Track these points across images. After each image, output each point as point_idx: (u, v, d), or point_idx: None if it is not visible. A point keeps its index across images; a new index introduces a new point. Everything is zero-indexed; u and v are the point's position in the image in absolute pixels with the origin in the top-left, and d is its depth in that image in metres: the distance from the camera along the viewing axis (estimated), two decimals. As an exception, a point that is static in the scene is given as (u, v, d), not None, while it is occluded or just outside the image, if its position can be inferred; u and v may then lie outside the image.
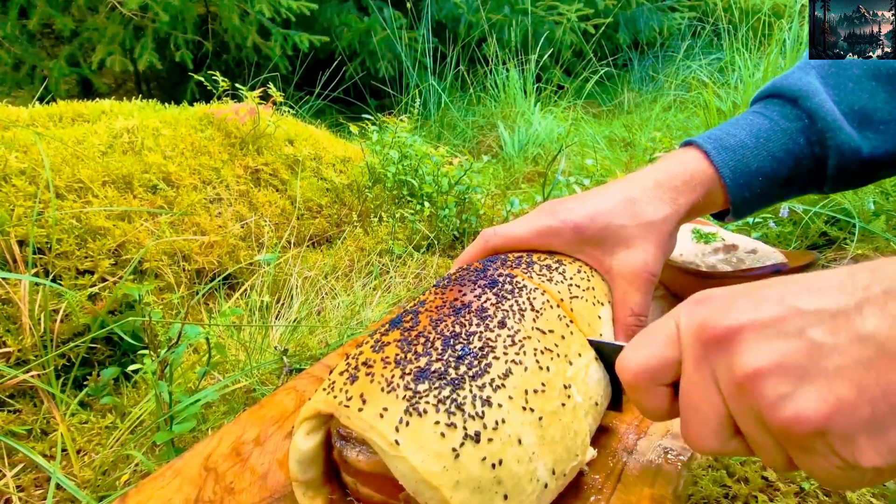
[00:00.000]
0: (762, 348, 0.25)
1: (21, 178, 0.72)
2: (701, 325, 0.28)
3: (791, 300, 0.25)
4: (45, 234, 0.68)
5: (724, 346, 0.27)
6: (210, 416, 0.66)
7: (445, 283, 0.55)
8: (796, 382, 0.23)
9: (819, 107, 0.47)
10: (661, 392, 0.34)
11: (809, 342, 0.24)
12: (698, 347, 0.29)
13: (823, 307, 0.24)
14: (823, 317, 0.24)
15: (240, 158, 1.06)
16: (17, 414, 0.62)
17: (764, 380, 0.24)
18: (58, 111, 1.05)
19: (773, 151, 0.49)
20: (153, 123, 0.98)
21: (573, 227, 0.49)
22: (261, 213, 1.00)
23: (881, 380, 0.22)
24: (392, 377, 0.42)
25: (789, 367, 0.24)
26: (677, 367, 0.32)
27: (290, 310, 0.85)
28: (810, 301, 0.25)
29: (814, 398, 0.23)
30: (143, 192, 0.84)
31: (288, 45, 3.19)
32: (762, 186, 0.50)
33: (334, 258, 1.00)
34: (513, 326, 0.48)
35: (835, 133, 0.47)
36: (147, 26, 2.98)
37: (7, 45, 2.95)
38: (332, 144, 1.28)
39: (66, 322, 0.66)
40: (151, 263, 0.77)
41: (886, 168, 0.50)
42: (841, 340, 0.23)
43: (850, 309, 0.23)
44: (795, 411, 0.23)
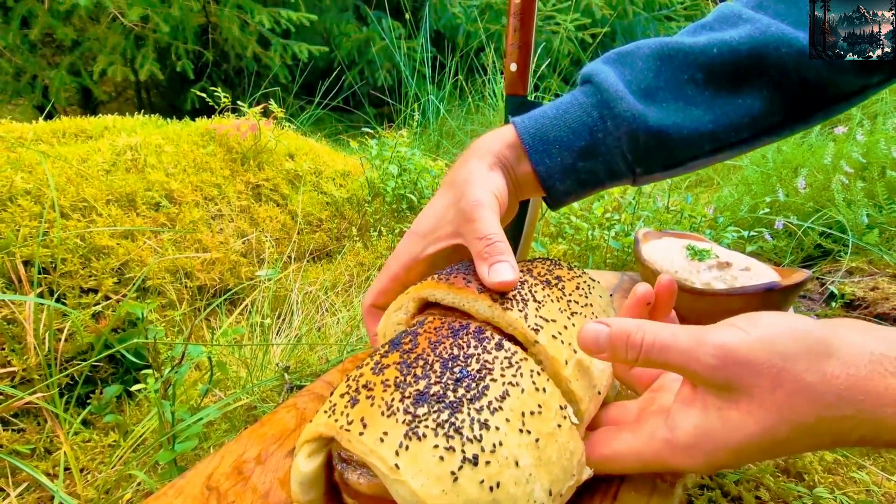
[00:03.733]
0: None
1: (27, 197, 0.73)
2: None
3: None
4: (49, 254, 0.69)
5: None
6: (212, 434, 0.67)
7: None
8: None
9: (604, 80, 0.52)
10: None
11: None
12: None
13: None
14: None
15: (241, 174, 1.07)
16: (21, 433, 0.62)
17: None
18: (61, 127, 1.06)
19: (570, 122, 0.53)
20: (156, 140, 0.99)
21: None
22: (262, 229, 1.01)
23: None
24: (392, 401, 0.43)
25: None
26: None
27: (290, 326, 0.86)
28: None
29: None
30: (146, 210, 0.85)
31: (287, 55, 3.22)
32: (561, 155, 0.53)
33: (334, 273, 1.01)
34: (510, 348, 0.49)
35: (617, 102, 0.51)
36: (148, 36, 3.00)
37: (8, 54, 2.97)
38: (332, 158, 1.30)
39: (70, 341, 0.67)
40: (154, 281, 0.78)
41: (684, 147, 0.53)
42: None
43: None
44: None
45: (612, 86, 0.52)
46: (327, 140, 3.17)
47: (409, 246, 0.56)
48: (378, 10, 3.54)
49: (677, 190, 1.49)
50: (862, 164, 1.41)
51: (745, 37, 0.50)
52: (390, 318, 0.53)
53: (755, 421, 0.34)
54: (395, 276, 0.56)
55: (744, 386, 0.34)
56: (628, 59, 0.54)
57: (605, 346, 0.41)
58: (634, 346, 0.39)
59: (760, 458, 0.36)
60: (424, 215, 0.56)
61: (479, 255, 0.49)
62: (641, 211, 1.16)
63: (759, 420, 0.34)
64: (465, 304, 0.49)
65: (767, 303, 0.70)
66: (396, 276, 0.56)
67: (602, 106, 0.52)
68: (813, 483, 0.56)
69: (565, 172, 0.55)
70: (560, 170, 0.54)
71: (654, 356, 0.38)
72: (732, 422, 0.35)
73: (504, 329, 0.48)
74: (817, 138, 1.94)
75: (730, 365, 0.34)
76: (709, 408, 0.36)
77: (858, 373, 0.32)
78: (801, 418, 0.33)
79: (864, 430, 0.32)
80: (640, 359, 0.39)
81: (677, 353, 0.37)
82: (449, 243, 0.53)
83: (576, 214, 1.13)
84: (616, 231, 1.08)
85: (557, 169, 0.54)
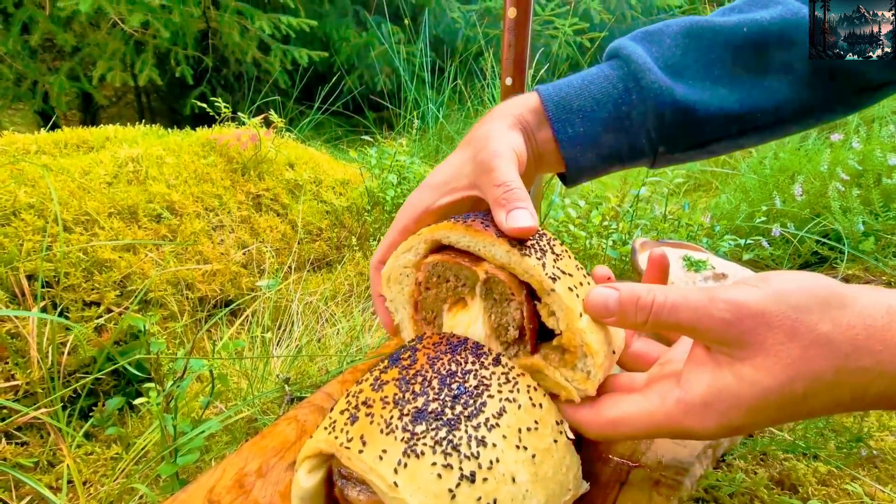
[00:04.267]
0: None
1: (30, 212, 0.73)
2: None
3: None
4: (53, 268, 0.70)
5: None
6: (213, 446, 0.68)
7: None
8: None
9: (632, 53, 0.52)
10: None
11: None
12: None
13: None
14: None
15: (241, 184, 1.08)
16: (25, 446, 0.63)
17: None
18: (63, 138, 1.07)
19: (594, 93, 0.52)
20: (157, 151, 1.00)
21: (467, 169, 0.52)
22: (262, 239, 1.02)
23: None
24: (391, 418, 0.44)
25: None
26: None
27: (290, 336, 0.87)
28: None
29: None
30: (147, 222, 0.86)
31: (287, 60, 3.24)
32: (584, 126, 0.52)
33: (334, 283, 1.01)
34: (507, 363, 0.50)
35: (645, 74, 0.51)
36: (148, 42, 3.02)
37: (9, 60, 2.98)
38: (331, 167, 1.31)
39: (73, 354, 0.68)
40: (156, 293, 0.79)
41: (709, 126, 0.52)
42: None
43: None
44: None
45: (640, 59, 0.51)
46: (327, 145, 3.18)
47: (421, 197, 0.53)
48: (377, 15, 3.56)
49: (675, 195, 1.50)
50: (858, 171, 1.42)
51: (776, 17, 0.50)
52: (398, 261, 0.51)
53: (770, 376, 0.32)
54: (405, 228, 0.53)
55: (757, 340, 0.33)
56: (656, 37, 0.53)
57: (614, 310, 0.39)
58: (644, 307, 0.37)
59: (776, 418, 0.34)
60: (438, 170, 0.54)
61: (497, 202, 0.47)
62: (639, 219, 1.17)
63: (774, 374, 0.32)
64: (480, 248, 0.46)
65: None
66: (406, 228, 0.53)
67: (629, 79, 0.51)
68: (807, 495, 0.57)
69: (587, 145, 0.53)
70: (582, 141, 0.53)
71: (664, 317, 0.36)
72: (746, 378, 0.33)
73: (520, 276, 0.45)
74: (814, 144, 1.95)
75: (743, 319, 0.33)
76: (722, 366, 0.35)
77: (875, 323, 0.31)
78: (818, 371, 0.31)
79: (882, 385, 0.31)
80: (649, 321, 0.37)
81: (688, 311, 0.35)
82: (464, 195, 0.51)
83: (573, 223, 1.14)
84: (614, 240, 1.09)
85: (579, 140, 0.53)
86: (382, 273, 0.52)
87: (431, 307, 0.51)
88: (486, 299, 0.48)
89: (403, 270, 0.52)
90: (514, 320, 0.47)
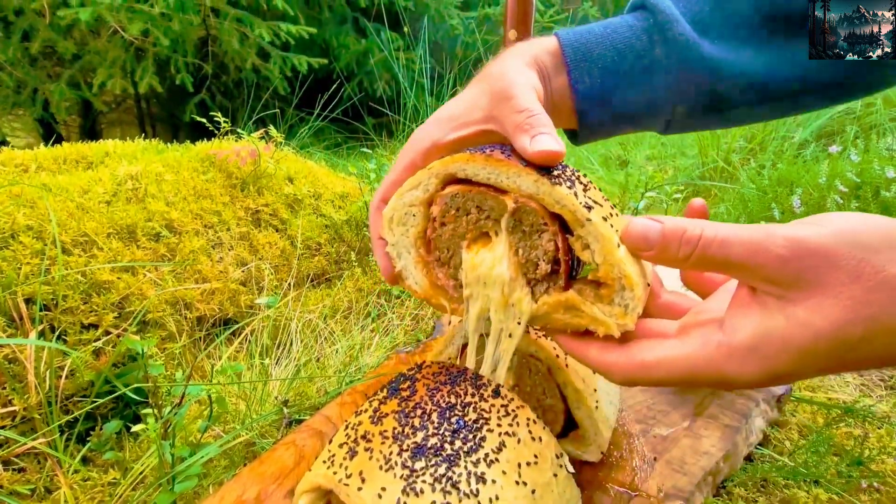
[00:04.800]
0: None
1: (28, 234, 0.73)
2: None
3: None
4: (51, 291, 0.70)
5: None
6: (211, 471, 0.67)
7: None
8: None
9: (660, 3, 0.49)
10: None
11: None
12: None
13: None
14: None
15: (240, 199, 1.08)
16: (22, 473, 0.63)
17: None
18: (62, 153, 1.07)
19: (616, 42, 0.50)
20: (156, 168, 1.00)
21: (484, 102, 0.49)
22: (261, 256, 1.02)
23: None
24: (390, 454, 0.43)
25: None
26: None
27: (289, 355, 0.87)
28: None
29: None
30: (146, 242, 0.85)
31: (287, 67, 3.24)
32: (602, 77, 0.50)
33: (333, 299, 1.01)
34: (506, 395, 0.49)
35: (672, 25, 0.48)
36: (148, 50, 3.02)
37: (9, 68, 2.98)
38: (330, 180, 1.31)
39: (71, 378, 0.68)
40: (154, 314, 0.78)
41: (731, 88, 0.50)
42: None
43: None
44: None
45: (668, 10, 0.49)
46: (326, 152, 3.18)
47: (428, 131, 0.49)
48: (377, 22, 3.57)
49: (675, 203, 1.50)
50: (856, 183, 1.42)
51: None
52: (403, 198, 0.46)
53: (826, 318, 0.29)
54: (411, 164, 0.48)
55: (817, 279, 0.30)
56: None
57: (655, 242, 0.35)
58: (690, 240, 0.33)
59: (825, 366, 0.31)
60: (449, 104, 0.50)
61: (520, 127, 0.43)
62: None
63: (829, 316, 0.29)
64: (504, 180, 0.42)
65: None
66: (413, 164, 0.48)
67: (654, 30, 0.49)
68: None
69: (604, 99, 0.50)
70: (599, 94, 0.50)
71: (713, 251, 0.33)
72: (798, 319, 0.30)
73: (550, 207, 0.41)
74: (812, 154, 1.96)
75: (804, 256, 0.30)
76: (770, 309, 0.32)
77: None
78: (879, 315, 0.29)
79: None
80: (693, 256, 0.33)
81: (741, 246, 0.32)
82: (478, 129, 0.48)
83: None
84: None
85: (596, 92, 0.50)
86: (385, 213, 0.47)
87: (447, 245, 0.46)
88: (513, 233, 0.43)
89: (409, 209, 0.46)
90: (546, 253, 0.42)
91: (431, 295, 0.48)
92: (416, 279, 0.48)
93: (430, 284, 0.48)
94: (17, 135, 4.71)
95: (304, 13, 3.24)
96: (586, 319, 0.41)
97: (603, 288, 0.41)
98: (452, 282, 0.47)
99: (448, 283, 0.48)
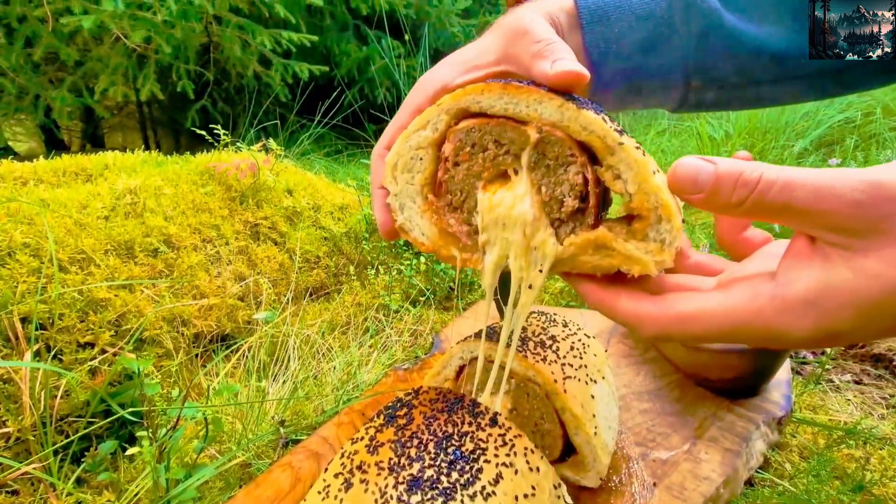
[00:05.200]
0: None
1: (25, 251, 0.73)
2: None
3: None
4: (47, 310, 0.70)
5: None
6: (206, 493, 0.67)
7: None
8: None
9: None
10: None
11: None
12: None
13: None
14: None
15: (239, 213, 1.08)
16: (15, 496, 0.62)
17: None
18: (62, 165, 1.07)
19: (635, 7, 0.48)
20: (155, 182, 1.00)
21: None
22: (259, 270, 1.01)
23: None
24: (386, 486, 0.43)
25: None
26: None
27: (287, 372, 0.86)
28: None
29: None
30: (144, 258, 0.85)
31: (288, 74, 3.25)
32: (618, 44, 0.48)
33: (332, 314, 1.01)
34: (503, 424, 0.49)
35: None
36: (150, 57, 3.03)
37: (12, 74, 2.99)
38: (329, 192, 1.31)
39: (66, 398, 0.67)
40: (151, 332, 0.78)
41: (750, 62, 0.48)
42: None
43: None
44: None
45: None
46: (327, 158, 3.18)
47: (439, 73, 0.46)
48: (378, 29, 3.58)
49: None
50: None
51: None
52: (409, 140, 0.42)
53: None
54: (417, 109, 0.45)
55: (893, 228, 0.27)
56: None
57: (706, 183, 0.31)
58: (748, 183, 0.30)
59: (892, 324, 0.28)
60: (460, 50, 0.48)
61: (538, 55, 0.40)
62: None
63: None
64: (524, 109, 0.38)
65: (764, 358, 0.70)
66: (419, 109, 0.45)
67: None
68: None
69: (618, 68, 0.48)
70: (612, 59, 0.48)
71: (773, 195, 0.29)
72: (868, 271, 0.27)
73: (576, 134, 0.37)
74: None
75: (882, 201, 0.27)
76: (834, 259, 0.29)
77: None
78: None
79: None
80: (749, 201, 0.30)
81: (807, 190, 0.28)
82: (491, 71, 0.45)
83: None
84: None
85: (611, 58, 0.48)
86: (388, 159, 0.43)
87: (461, 187, 0.41)
88: (534, 169, 0.39)
89: (416, 153, 0.42)
90: (575, 187, 0.38)
91: (441, 245, 0.43)
92: (423, 229, 0.43)
93: (440, 233, 0.43)
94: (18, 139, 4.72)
95: (306, 21, 3.26)
96: (618, 259, 0.37)
97: (637, 221, 0.37)
98: (466, 227, 0.42)
99: (461, 228, 0.42)
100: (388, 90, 3.67)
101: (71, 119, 3.79)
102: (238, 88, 3.64)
